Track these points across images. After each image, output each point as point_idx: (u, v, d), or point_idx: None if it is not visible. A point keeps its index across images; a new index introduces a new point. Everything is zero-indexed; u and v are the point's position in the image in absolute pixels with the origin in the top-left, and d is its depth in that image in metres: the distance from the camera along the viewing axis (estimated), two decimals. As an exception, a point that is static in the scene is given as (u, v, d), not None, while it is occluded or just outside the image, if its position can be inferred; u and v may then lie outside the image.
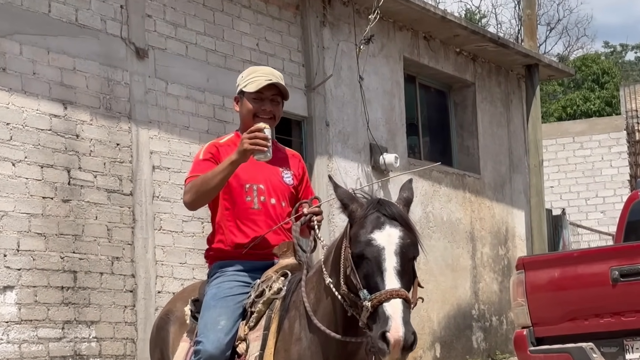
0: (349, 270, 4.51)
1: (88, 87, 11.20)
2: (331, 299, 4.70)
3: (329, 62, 14.78)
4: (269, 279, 5.04)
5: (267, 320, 4.91)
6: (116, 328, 11.15)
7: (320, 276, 4.80)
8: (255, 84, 5.32)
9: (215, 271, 5.21)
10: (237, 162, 5.04)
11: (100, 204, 11.13)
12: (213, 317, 4.96)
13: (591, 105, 46.64)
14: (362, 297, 4.40)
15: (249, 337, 4.91)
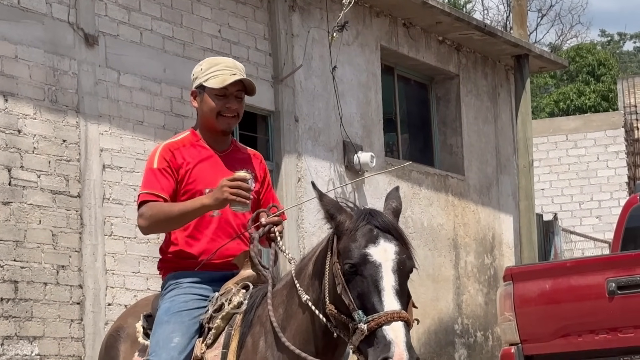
0: (340, 288, 4.47)
1: (31, 77, 11.14)
2: (308, 317, 4.68)
3: (298, 51, 14.76)
4: (228, 292, 5.02)
5: (227, 337, 4.88)
6: (62, 344, 11.10)
7: (291, 291, 4.79)
8: (219, 79, 5.28)
9: (169, 283, 5.18)
10: (210, 209, 5.07)
11: (44, 207, 11.08)
12: (166, 334, 4.94)
13: (586, 99, 46.88)
14: (357, 318, 4.36)
15: (206, 356, 4.89)
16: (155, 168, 5.17)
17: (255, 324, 4.86)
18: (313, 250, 4.87)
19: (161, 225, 5.14)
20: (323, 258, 4.68)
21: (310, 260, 4.81)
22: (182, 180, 5.18)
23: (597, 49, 54.89)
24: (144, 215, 5.12)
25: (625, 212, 10.80)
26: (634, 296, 8.73)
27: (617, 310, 8.78)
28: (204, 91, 5.30)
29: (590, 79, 48.27)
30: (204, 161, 5.22)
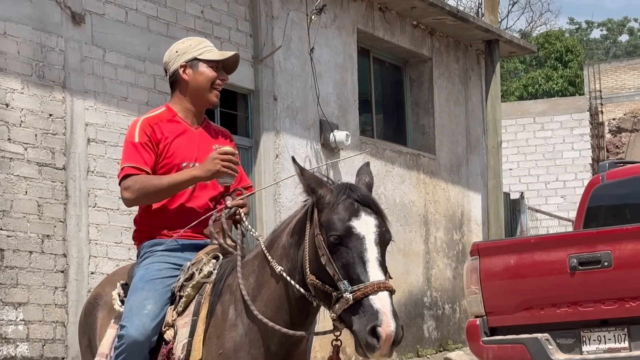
0: (325, 259, 4.48)
1: (19, 53, 11.10)
2: (282, 286, 4.69)
3: (278, 32, 14.73)
4: (199, 262, 5.00)
5: (197, 305, 4.86)
6: (45, 310, 11.09)
7: (262, 261, 4.79)
8: (215, 52, 5.34)
9: (144, 252, 5.17)
10: (200, 180, 5.09)
11: (30, 178, 11.05)
12: (139, 301, 4.91)
13: (553, 84, 47.02)
14: (343, 288, 4.38)
15: (177, 323, 4.87)
16: (137, 142, 5.14)
17: (224, 293, 4.85)
18: (285, 223, 4.87)
19: (149, 197, 5.11)
20: (300, 230, 4.68)
21: (283, 232, 4.81)
22: (161, 154, 5.16)
23: (565, 36, 55.03)
24: (130, 188, 5.09)
25: (587, 192, 10.82)
26: (594, 272, 8.76)
27: (578, 285, 8.82)
28: (198, 63, 5.30)
29: (558, 64, 48.40)
30: (180, 136, 5.21)
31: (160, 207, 5.18)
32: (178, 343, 4.81)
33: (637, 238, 8.77)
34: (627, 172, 10.84)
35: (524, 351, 8.82)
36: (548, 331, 8.83)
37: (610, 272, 8.72)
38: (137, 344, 4.81)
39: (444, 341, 17.33)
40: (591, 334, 8.81)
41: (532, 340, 8.79)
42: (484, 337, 9.19)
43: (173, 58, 5.38)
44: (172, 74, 5.39)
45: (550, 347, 8.82)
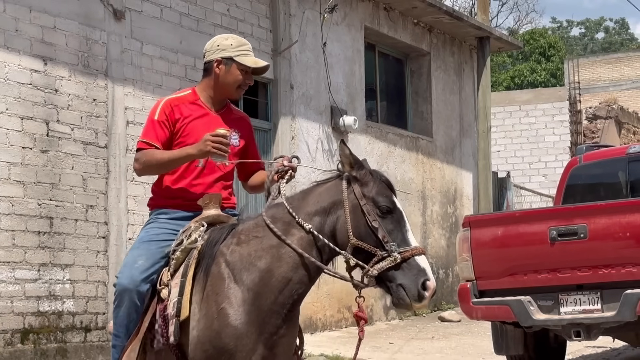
0: (377, 224, 4.64)
1: (67, 45, 11.13)
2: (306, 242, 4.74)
3: (294, 28, 14.74)
4: (188, 229, 5.02)
5: (185, 267, 4.87)
6: (89, 271, 11.15)
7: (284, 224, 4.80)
8: (250, 59, 5.28)
9: (150, 218, 5.24)
10: (193, 157, 5.09)
11: (76, 155, 11.10)
12: (133, 257, 5.00)
13: (537, 76, 46.89)
14: (394, 249, 4.59)
15: (170, 283, 4.88)
16: (155, 120, 5.17)
17: (219, 256, 4.83)
18: (305, 193, 4.92)
19: (152, 169, 5.17)
20: (332, 199, 4.78)
21: (303, 200, 4.85)
22: (177, 133, 5.16)
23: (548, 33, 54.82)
24: (139, 160, 5.17)
25: (566, 172, 10.83)
26: (572, 242, 8.77)
27: (557, 254, 8.82)
28: (232, 63, 5.24)
29: (542, 58, 48.26)
30: (199, 118, 5.20)
31: (172, 182, 5.20)
32: (170, 302, 4.81)
33: (609, 213, 8.78)
34: (601, 155, 10.86)
35: (509, 311, 8.84)
36: (530, 294, 8.84)
37: (585, 243, 8.72)
38: (126, 290, 4.85)
39: (438, 302, 17.37)
40: (568, 297, 8.83)
41: (516, 302, 8.81)
42: (474, 298, 9.21)
43: (213, 49, 5.31)
44: (207, 62, 5.34)
45: (532, 308, 8.84)
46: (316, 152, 15.02)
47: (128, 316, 4.87)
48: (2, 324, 10.12)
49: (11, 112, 10.39)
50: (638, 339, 9.38)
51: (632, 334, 9.29)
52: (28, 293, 10.42)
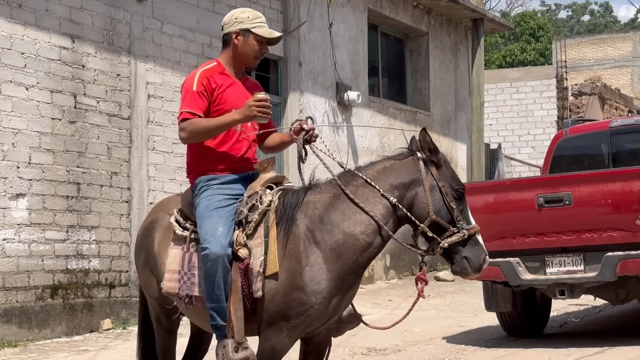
0: (455, 204, 4.89)
1: (93, 24, 11.11)
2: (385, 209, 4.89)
3: (303, 10, 14.68)
4: (256, 194, 4.99)
5: (265, 229, 4.86)
6: (113, 233, 11.18)
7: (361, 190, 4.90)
8: (265, 30, 5.26)
9: (200, 185, 5.11)
10: (239, 122, 5.06)
11: (101, 126, 11.10)
12: (211, 225, 4.89)
13: (527, 55, 46.76)
14: (464, 226, 4.86)
15: (249, 243, 4.86)
16: (194, 91, 5.09)
17: (299, 218, 4.86)
18: (379, 166, 5.01)
19: (200, 136, 5.07)
20: (411, 176, 4.92)
21: (381, 174, 4.95)
22: (215, 101, 5.11)
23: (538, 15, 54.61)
24: (185, 129, 5.06)
25: (553, 144, 10.80)
26: (557, 209, 8.76)
27: (544, 219, 8.81)
28: (249, 34, 5.23)
29: (531, 39, 48.11)
30: (230, 87, 5.16)
31: (211, 150, 5.14)
32: (255, 259, 4.79)
33: (592, 182, 8.76)
34: (585, 128, 10.82)
35: (499, 272, 8.83)
36: (519, 256, 8.83)
37: (570, 209, 8.71)
38: (219, 257, 4.78)
39: (434, 263, 17.37)
40: (554, 258, 8.82)
41: (505, 263, 8.80)
42: (467, 260, 9.19)
43: (231, 22, 5.26)
44: (225, 34, 5.28)
45: (520, 269, 8.84)
46: (323, 124, 14.99)
47: (224, 280, 4.79)
48: (34, 280, 10.17)
49: (42, 86, 10.38)
50: (617, 297, 9.38)
51: (612, 293, 9.30)
52: (57, 252, 10.45)
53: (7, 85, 10.03)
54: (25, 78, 10.21)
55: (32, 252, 10.17)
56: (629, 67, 45.62)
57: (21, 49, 10.19)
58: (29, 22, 10.29)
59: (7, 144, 9.97)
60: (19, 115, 10.12)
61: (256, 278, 4.77)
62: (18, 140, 10.09)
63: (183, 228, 5.12)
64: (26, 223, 10.12)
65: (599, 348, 8.54)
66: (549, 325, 10.33)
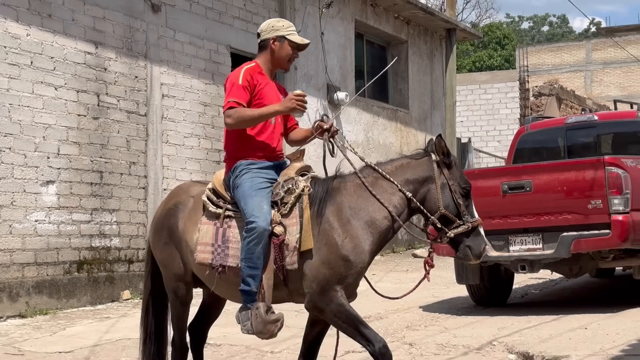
0: (462, 200, 4.99)
1: (114, 32, 11.07)
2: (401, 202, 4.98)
3: (298, 20, 14.65)
4: (291, 179, 5.04)
5: (300, 210, 4.91)
6: (132, 215, 11.17)
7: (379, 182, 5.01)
8: (298, 37, 5.29)
9: (242, 168, 5.08)
10: (280, 113, 5.10)
11: (121, 122, 11.08)
12: (257, 203, 4.89)
13: (494, 61, 46.76)
14: (469, 219, 4.98)
15: (284, 222, 4.88)
16: (240, 84, 5.09)
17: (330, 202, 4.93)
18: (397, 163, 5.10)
19: (245, 122, 5.05)
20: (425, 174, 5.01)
21: (394, 171, 5.03)
22: (255, 96, 5.12)
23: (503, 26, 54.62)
24: (232, 116, 5.04)
25: (516, 138, 10.82)
26: (519, 195, 8.79)
27: (508, 204, 8.83)
28: (285, 41, 5.24)
29: (498, 47, 48.11)
30: (267, 85, 5.18)
31: (252, 138, 5.13)
32: (291, 236, 4.83)
33: (550, 171, 8.78)
34: (544, 125, 10.85)
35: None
36: (486, 236, 8.84)
37: (530, 195, 8.74)
38: (265, 231, 4.79)
39: (412, 242, 17.42)
40: (516, 238, 8.85)
41: (474, 242, 8.81)
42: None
43: (268, 30, 5.27)
44: (263, 40, 5.29)
45: (487, 247, 8.86)
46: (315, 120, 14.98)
47: (263, 251, 4.80)
48: (62, 256, 10.16)
49: (69, 86, 10.36)
50: (571, 272, 9.42)
51: (566, 268, 9.33)
52: (83, 232, 10.45)
53: (38, 86, 10.01)
54: (54, 79, 10.19)
55: (61, 232, 10.17)
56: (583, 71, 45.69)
57: (51, 53, 10.16)
58: (57, 30, 10.26)
59: (38, 137, 9.96)
60: (49, 112, 10.10)
61: (292, 252, 4.81)
62: (48, 134, 10.07)
63: (216, 206, 5.09)
64: (55, 206, 10.11)
65: (555, 316, 8.58)
66: (512, 296, 10.37)
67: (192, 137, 12.21)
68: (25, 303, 9.62)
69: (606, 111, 18.06)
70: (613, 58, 44.66)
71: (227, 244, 4.96)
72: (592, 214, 8.45)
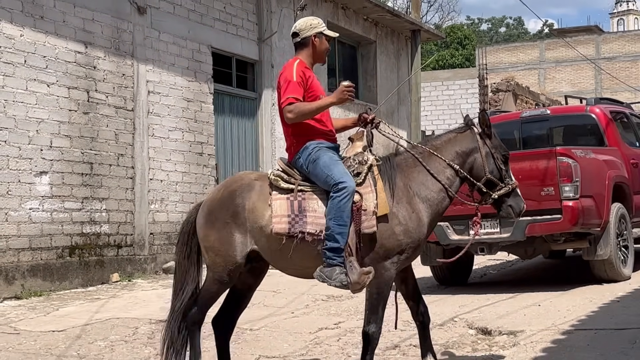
0: (504, 166, 5.26)
1: (103, 32, 10.98)
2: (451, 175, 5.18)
3: (274, 22, 14.61)
4: (360, 153, 5.18)
5: (373, 180, 5.01)
6: (120, 203, 11.10)
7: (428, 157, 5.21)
8: (331, 32, 5.40)
9: (313, 146, 5.13)
10: (334, 104, 5.16)
11: (110, 116, 10.99)
12: (341, 169, 4.98)
13: (456, 60, 46.94)
14: (510, 182, 5.24)
15: (360, 190, 4.95)
16: (295, 80, 5.11)
17: (397, 175, 5.09)
18: (443, 139, 5.32)
19: (305, 116, 5.09)
20: (469, 146, 5.25)
21: (443, 146, 5.26)
22: (308, 89, 5.15)
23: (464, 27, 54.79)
24: (293, 111, 5.05)
25: (476, 130, 10.85)
26: (479, 183, 8.80)
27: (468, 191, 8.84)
28: (323, 36, 5.32)
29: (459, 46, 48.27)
30: (313, 78, 5.24)
31: (312, 126, 5.18)
32: (368, 202, 4.90)
33: (507, 161, 8.81)
34: (501, 118, 10.88)
35: (432, 234, 8.88)
36: (448, 221, 8.88)
37: (489, 183, 8.76)
38: (353, 191, 4.87)
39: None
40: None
41: (437, 227, 8.83)
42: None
43: (307, 28, 5.30)
44: (304, 38, 5.31)
45: (449, 231, 8.88)
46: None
47: (350, 209, 4.87)
48: (55, 242, 10.09)
49: (60, 83, 10.26)
50: (526, 253, 9.46)
51: (521, 250, 9.37)
52: (74, 219, 10.37)
53: (32, 83, 9.90)
54: (46, 77, 10.09)
55: (54, 219, 10.09)
56: (537, 69, 45.97)
57: (43, 53, 10.05)
58: (49, 31, 10.16)
59: (32, 130, 9.86)
60: (42, 107, 10.00)
61: (370, 216, 4.87)
62: (41, 128, 9.97)
63: (288, 182, 5.08)
64: (48, 195, 10.03)
65: (511, 294, 8.62)
66: (472, 276, 10.42)
67: (176, 131, 12.15)
68: (21, 285, 9.54)
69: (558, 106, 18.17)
70: (564, 57, 44.97)
71: (305, 213, 4.95)
72: (545, 200, 8.50)
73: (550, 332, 6.50)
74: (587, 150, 9.11)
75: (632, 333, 6.23)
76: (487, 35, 77.59)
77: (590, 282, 9.00)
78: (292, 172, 5.13)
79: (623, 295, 8.16)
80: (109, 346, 6.76)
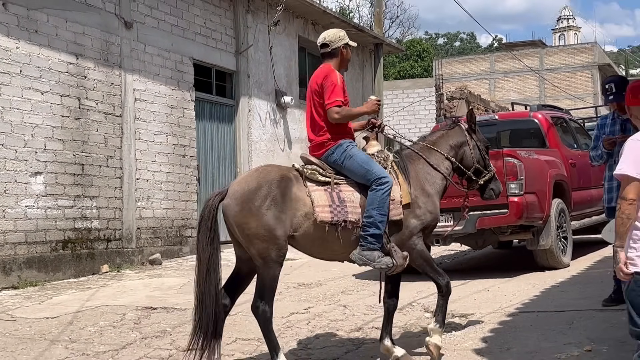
0: (487, 157, 5.67)
1: (93, 45, 10.88)
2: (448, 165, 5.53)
3: (250, 36, 14.57)
4: (381, 151, 5.38)
5: (394, 174, 5.23)
6: (109, 201, 11.01)
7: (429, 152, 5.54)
8: (353, 43, 5.58)
9: (347, 145, 5.24)
10: (366, 114, 5.41)
11: (100, 122, 10.90)
12: (379, 167, 5.16)
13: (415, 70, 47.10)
14: (492, 169, 5.67)
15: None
16: (339, 85, 5.25)
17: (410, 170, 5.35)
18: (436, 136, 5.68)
19: (347, 119, 5.27)
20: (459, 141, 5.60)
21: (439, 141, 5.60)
22: (345, 94, 5.32)
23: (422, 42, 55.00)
24: (340, 112, 5.20)
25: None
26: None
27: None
28: (349, 47, 5.51)
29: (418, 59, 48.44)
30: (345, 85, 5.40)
31: (343, 126, 5.31)
32: (395, 194, 5.11)
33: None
34: (455, 123, 10.92)
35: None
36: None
37: (443, 181, 8.80)
38: (392, 184, 5.08)
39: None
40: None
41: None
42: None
43: (336, 40, 5.44)
44: (334, 48, 5.43)
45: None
46: (265, 120, 14.94)
47: (388, 200, 5.03)
48: (49, 236, 9.99)
49: (54, 91, 10.15)
50: (477, 244, 9.52)
51: (473, 241, 9.43)
52: (67, 216, 10.27)
53: (27, 91, 9.79)
54: (40, 86, 9.98)
55: (48, 216, 9.98)
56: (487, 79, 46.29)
57: (37, 64, 9.94)
58: (43, 43, 10.05)
59: (27, 135, 9.75)
60: (36, 113, 9.89)
61: (397, 205, 5.09)
62: (36, 132, 9.86)
63: (324, 176, 5.13)
64: (43, 194, 9.92)
65: (463, 281, 8.68)
66: (429, 265, 10.45)
67: (160, 135, 12.07)
68: (17, 276, 9.44)
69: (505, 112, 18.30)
70: (512, 68, 45.34)
71: (345, 203, 5.03)
72: (493, 197, 8.55)
73: (498, 315, 6.56)
74: (531, 151, 9.20)
75: (570, 315, 6.30)
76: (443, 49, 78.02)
77: (534, 270, 9.09)
78: (326, 167, 5.20)
79: (562, 281, 8.25)
80: (99, 331, 6.71)
